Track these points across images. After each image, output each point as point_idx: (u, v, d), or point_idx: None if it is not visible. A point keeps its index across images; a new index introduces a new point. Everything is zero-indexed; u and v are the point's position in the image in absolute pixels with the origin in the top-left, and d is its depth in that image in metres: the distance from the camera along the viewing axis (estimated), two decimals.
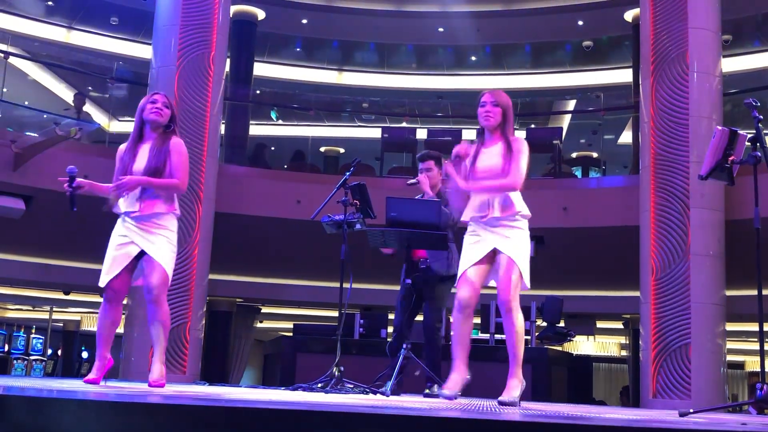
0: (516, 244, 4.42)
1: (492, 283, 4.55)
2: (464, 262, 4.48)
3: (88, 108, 15.26)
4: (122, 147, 4.85)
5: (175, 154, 4.72)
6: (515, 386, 4.35)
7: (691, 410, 3.89)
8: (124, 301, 4.74)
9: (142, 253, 4.66)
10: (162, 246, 4.66)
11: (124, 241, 4.66)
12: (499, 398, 4.30)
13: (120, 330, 4.73)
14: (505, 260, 4.38)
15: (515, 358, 4.40)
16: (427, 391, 6.18)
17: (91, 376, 4.59)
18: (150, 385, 4.61)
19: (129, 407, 2.40)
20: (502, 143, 4.50)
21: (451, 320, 4.56)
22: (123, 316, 4.95)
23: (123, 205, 4.70)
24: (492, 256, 4.45)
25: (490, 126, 4.53)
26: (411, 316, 6.30)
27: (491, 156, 4.49)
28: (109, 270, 4.64)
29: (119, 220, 4.75)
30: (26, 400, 2.51)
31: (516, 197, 4.48)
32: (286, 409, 2.31)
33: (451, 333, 4.66)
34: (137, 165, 4.68)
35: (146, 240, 4.64)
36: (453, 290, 5.18)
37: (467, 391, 4.67)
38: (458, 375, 4.50)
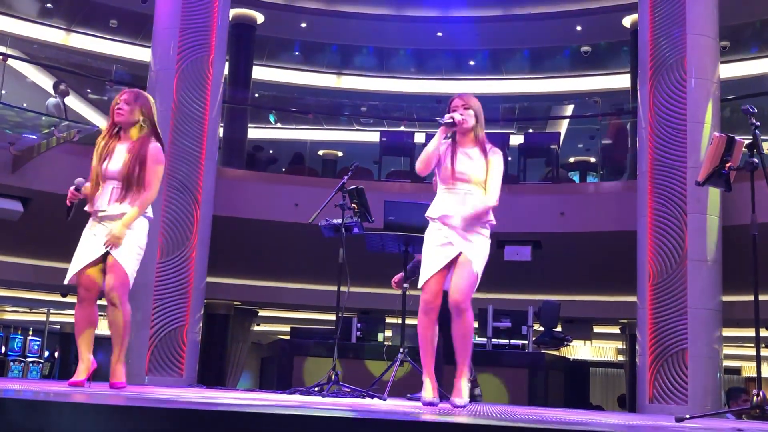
0: (479, 250, 4.45)
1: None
2: (432, 264, 4.45)
3: (84, 108, 15.29)
4: (100, 140, 4.82)
5: (150, 162, 4.67)
6: (466, 386, 4.44)
7: (688, 416, 3.90)
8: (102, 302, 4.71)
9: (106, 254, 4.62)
10: (125, 247, 4.61)
11: (92, 239, 4.63)
12: (455, 401, 4.33)
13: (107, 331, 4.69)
14: (466, 263, 4.40)
15: (465, 359, 4.45)
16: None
17: (75, 378, 4.55)
18: (111, 387, 4.59)
19: (124, 410, 2.40)
20: (479, 148, 4.55)
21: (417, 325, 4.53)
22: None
23: (92, 204, 4.69)
24: (453, 259, 4.46)
25: (463, 128, 4.55)
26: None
27: (470, 160, 4.51)
28: (74, 266, 4.62)
29: (91, 219, 4.72)
30: (22, 403, 2.52)
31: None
32: (283, 414, 2.31)
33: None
34: (112, 166, 4.66)
35: (111, 241, 4.59)
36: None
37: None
38: (432, 381, 4.48)
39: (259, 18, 14.26)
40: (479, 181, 4.48)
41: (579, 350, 20.80)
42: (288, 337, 10.17)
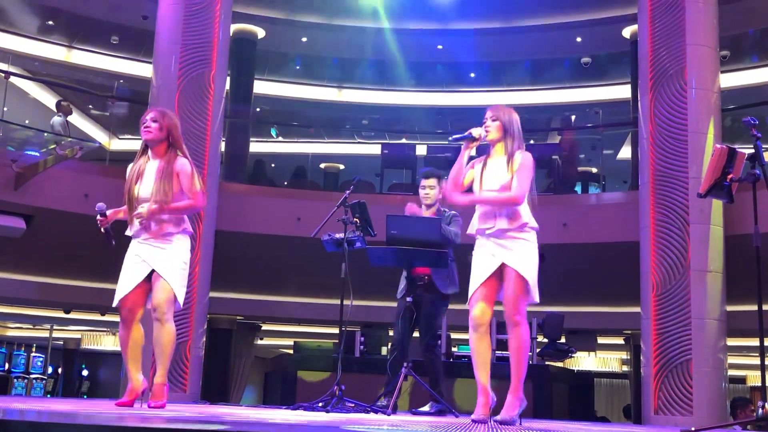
0: (522, 257, 4.34)
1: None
2: (475, 279, 4.40)
3: (87, 125, 15.33)
4: (131, 165, 4.86)
5: (183, 177, 4.72)
6: (514, 404, 4.29)
7: (693, 428, 3.89)
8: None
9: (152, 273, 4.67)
10: (171, 265, 4.67)
11: (136, 261, 4.69)
12: (497, 416, 4.25)
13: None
14: (510, 274, 4.32)
15: (518, 375, 4.33)
16: (426, 408, 6.17)
17: (124, 398, 4.62)
18: (149, 407, 4.59)
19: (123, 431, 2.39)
20: (506, 156, 4.49)
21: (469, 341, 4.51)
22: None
23: (131, 227, 4.74)
24: (500, 270, 4.38)
25: (488, 140, 4.54)
26: (411, 333, 6.30)
27: (496, 169, 4.47)
28: (120, 290, 4.67)
29: (133, 241, 4.77)
30: (27, 425, 2.51)
31: (523, 209, 4.42)
32: None
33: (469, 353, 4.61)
34: (144, 189, 4.69)
35: (156, 258, 4.66)
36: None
37: (469, 408, 4.65)
38: (484, 398, 4.36)
39: (260, 33, 14.30)
40: (505, 189, 4.40)
41: (583, 361, 20.75)
42: (291, 352, 10.14)
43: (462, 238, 6.00)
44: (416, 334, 6.41)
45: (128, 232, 4.77)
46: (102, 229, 4.78)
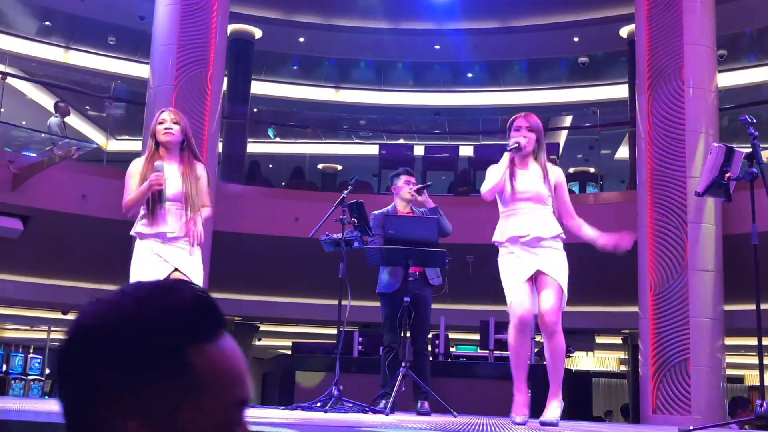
0: (559, 267, 4.43)
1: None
2: (514, 282, 4.41)
3: (84, 126, 15.31)
4: (139, 163, 4.68)
5: (203, 182, 4.70)
6: (556, 407, 4.39)
7: (692, 427, 3.89)
8: None
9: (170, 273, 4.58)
10: (195, 266, 4.63)
11: (156, 260, 4.55)
12: (540, 418, 4.32)
13: None
14: (550, 282, 4.38)
15: (557, 380, 4.44)
16: (422, 405, 6.17)
17: None
18: None
19: None
20: (539, 167, 4.52)
21: (509, 341, 4.52)
22: None
23: (155, 226, 4.56)
24: (533, 277, 4.43)
25: (527, 153, 4.52)
26: (401, 332, 6.28)
27: (531, 179, 4.48)
28: None
29: (149, 241, 4.58)
30: (24, 425, 2.51)
31: (554, 219, 4.51)
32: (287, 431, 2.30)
33: (508, 354, 4.63)
34: (170, 187, 4.56)
35: (181, 259, 4.57)
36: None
37: (466, 408, 4.65)
38: (522, 397, 4.47)
39: (257, 33, 14.29)
40: (540, 198, 4.44)
41: (581, 361, 20.76)
42: (289, 352, 10.13)
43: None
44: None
45: (143, 230, 4.58)
46: (157, 187, 4.49)
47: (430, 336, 7.16)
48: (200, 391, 0.89)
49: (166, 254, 4.56)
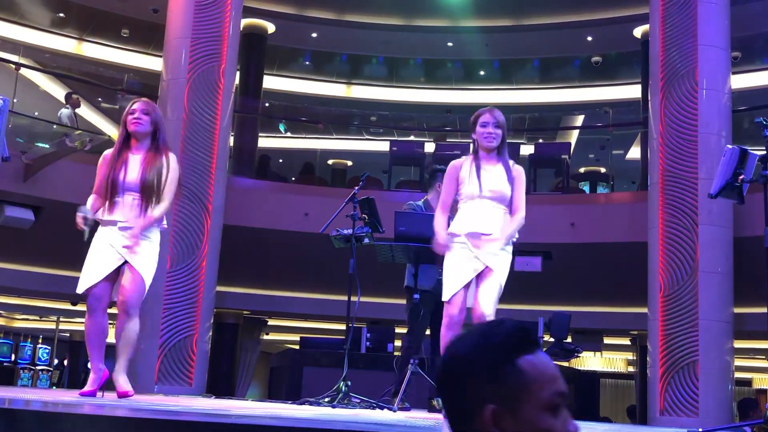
0: (503, 263, 4.49)
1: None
2: (457, 280, 4.47)
3: (96, 118, 15.34)
4: (108, 153, 4.80)
5: (172, 175, 4.70)
6: None
7: (700, 429, 3.88)
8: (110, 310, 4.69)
9: (122, 264, 4.60)
10: (145, 257, 4.61)
11: (108, 249, 4.59)
12: None
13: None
14: (493, 277, 4.44)
15: None
16: (434, 404, 6.17)
17: (87, 388, 4.53)
18: (119, 396, 4.53)
19: (135, 423, 2.40)
20: (503, 165, 4.58)
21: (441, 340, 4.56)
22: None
23: (110, 214, 4.63)
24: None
25: (492, 148, 4.56)
26: (423, 331, 6.28)
27: (496, 177, 4.55)
28: (90, 277, 4.57)
29: (103, 228, 4.66)
30: (32, 414, 2.52)
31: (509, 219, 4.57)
32: (296, 426, 2.30)
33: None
34: (129, 176, 4.63)
35: (130, 250, 4.57)
36: None
37: None
38: None
39: (270, 28, 14.29)
40: (504, 197, 4.51)
41: (589, 361, 20.71)
42: (297, 347, 10.15)
43: None
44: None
45: (99, 217, 4.65)
46: (81, 227, 4.58)
47: None
48: (530, 385, 1.40)
49: (117, 244, 4.58)
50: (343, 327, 11.81)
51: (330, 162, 15.24)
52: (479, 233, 4.46)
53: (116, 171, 4.67)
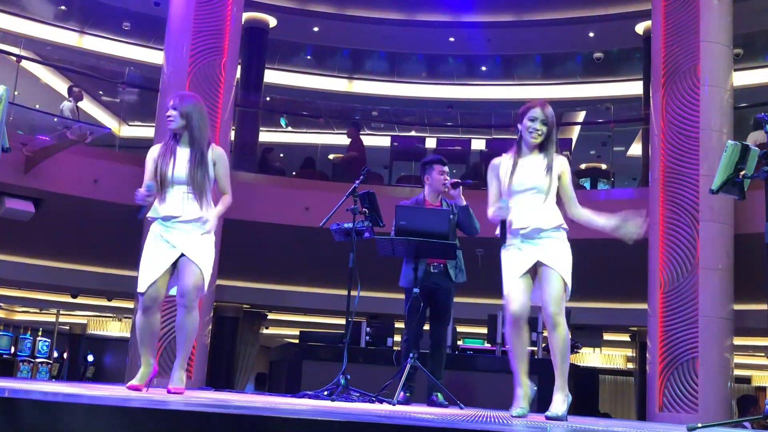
0: (560, 257, 4.39)
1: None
2: (510, 275, 4.37)
3: (97, 111, 15.33)
4: (155, 150, 4.70)
5: (221, 168, 4.70)
6: (561, 401, 4.33)
7: (700, 424, 3.87)
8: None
9: (178, 258, 4.54)
10: (204, 250, 4.58)
11: (163, 245, 4.53)
12: (546, 413, 4.28)
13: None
14: (550, 273, 4.35)
15: (563, 373, 4.38)
16: (435, 397, 6.17)
17: (134, 382, 4.46)
18: (169, 392, 4.50)
19: (128, 412, 2.40)
20: (544, 157, 4.43)
21: (506, 336, 4.48)
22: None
23: (163, 209, 4.56)
24: (534, 269, 4.39)
25: (534, 144, 4.44)
26: (422, 325, 6.29)
27: (532, 171, 4.40)
28: (149, 275, 4.50)
29: (158, 225, 4.59)
30: (34, 404, 2.51)
31: (556, 210, 4.45)
32: (292, 417, 2.30)
33: (506, 348, 4.60)
34: (177, 172, 4.56)
35: (188, 244, 4.53)
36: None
37: (472, 401, 4.65)
38: (523, 390, 4.42)
39: (272, 22, 14.28)
40: (539, 190, 4.37)
41: (588, 357, 20.74)
42: (297, 341, 10.14)
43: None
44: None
45: (153, 213, 4.58)
46: (142, 201, 4.50)
47: None
48: None
49: (173, 239, 4.54)
50: (342, 321, 11.80)
51: (331, 157, 15.23)
52: (517, 229, 4.35)
53: (164, 166, 4.59)
